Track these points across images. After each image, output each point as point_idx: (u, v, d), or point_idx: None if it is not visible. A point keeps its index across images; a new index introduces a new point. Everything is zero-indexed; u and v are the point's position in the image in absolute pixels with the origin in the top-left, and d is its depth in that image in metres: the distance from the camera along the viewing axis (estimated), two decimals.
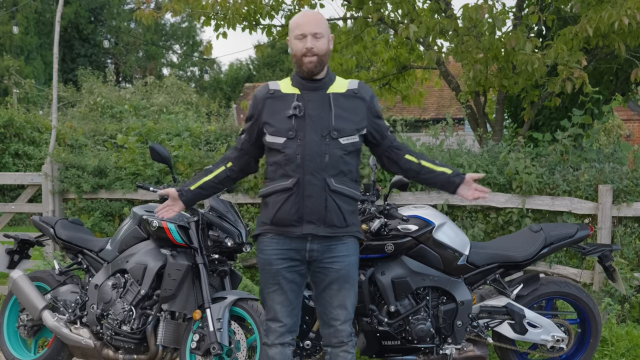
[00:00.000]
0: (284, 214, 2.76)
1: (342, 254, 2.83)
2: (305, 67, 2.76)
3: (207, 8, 5.84)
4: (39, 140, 11.68)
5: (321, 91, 2.81)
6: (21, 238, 4.34)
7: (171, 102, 18.06)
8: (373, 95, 2.92)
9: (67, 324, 3.90)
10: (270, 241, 2.83)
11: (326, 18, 6.82)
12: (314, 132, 2.74)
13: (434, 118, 17.22)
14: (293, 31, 2.80)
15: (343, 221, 2.80)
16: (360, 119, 2.84)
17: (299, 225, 2.76)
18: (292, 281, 2.85)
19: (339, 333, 2.87)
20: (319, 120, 2.76)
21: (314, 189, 2.73)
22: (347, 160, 2.80)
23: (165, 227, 3.56)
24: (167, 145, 5.61)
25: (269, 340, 2.90)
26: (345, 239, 2.83)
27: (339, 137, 2.76)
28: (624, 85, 6.47)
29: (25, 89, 21.98)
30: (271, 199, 2.80)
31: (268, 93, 2.85)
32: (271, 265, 2.83)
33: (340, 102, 2.81)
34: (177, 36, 39.58)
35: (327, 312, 2.87)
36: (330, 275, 2.83)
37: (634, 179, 4.57)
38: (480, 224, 4.71)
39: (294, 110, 2.75)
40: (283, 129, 2.76)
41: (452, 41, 5.49)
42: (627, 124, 15.72)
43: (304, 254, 2.81)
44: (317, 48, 2.75)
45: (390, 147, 2.98)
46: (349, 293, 2.87)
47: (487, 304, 3.69)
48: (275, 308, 2.86)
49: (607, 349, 4.18)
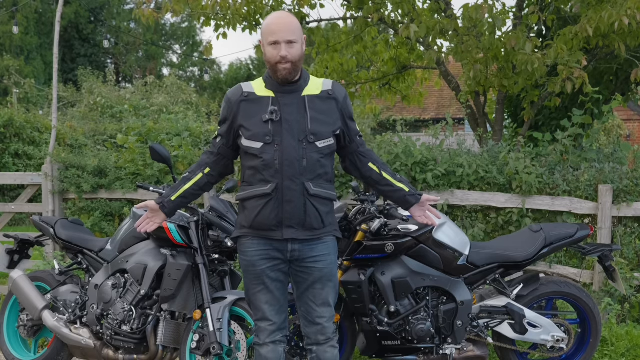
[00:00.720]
0: (263, 218, 2.77)
1: (323, 253, 2.85)
2: (280, 74, 2.75)
3: (207, 9, 5.84)
4: (39, 140, 11.68)
5: (296, 94, 2.80)
6: (21, 238, 4.34)
7: (171, 102, 18.04)
8: (346, 96, 2.90)
9: (67, 324, 3.90)
10: (252, 243, 2.84)
11: (326, 18, 6.84)
12: (291, 137, 2.74)
13: (434, 118, 17.21)
14: (266, 37, 2.76)
15: (321, 223, 2.81)
16: (334, 120, 2.83)
17: (278, 229, 2.77)
18: (276, 280, 2.86)
19: (326, 330, 2.90)
20: (295, 124, 2.75)
21: (293, 194, 2.73)
22: (323, 163, 2.80)
23: (165, 227, 3.55)
24: (167, 145, 5.61)
25: (260, 340, 2.92)
26: (324, 238, 2.86)
27: (315, 141, 2.76)
28: (624, 85, 6.47)
29: (25, 89, 21.96)
30: (250, 204, 2.80)
31: (242, 95, 2.83)
32: (255, 266, 2.84)
33: (315, 104, 2.80)
34: (177, 36, 39.57)
35: (312, 311, 2.89)
36: (314, 274, 2.85)
37: (634, 179, 4.57)
38: (480, 224, 4.71)
39: (270, 115, 2.74)
40: (260, 134, 2.75)
41: (452, 41, 5.49)
42: (627, 124, 15.72)
43: (285, 254, 2.82)
44: (291, 55, 2.72)
45: (356, 152, 2.96)
46: (331, 291, 2.90)
47: (487, 304, 3.69)
48: (263, 308, 2.88)
49: (607, 349, 4.18)
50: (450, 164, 4.77)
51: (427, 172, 4.76)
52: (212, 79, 34.89)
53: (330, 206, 2.88)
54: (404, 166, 4.80)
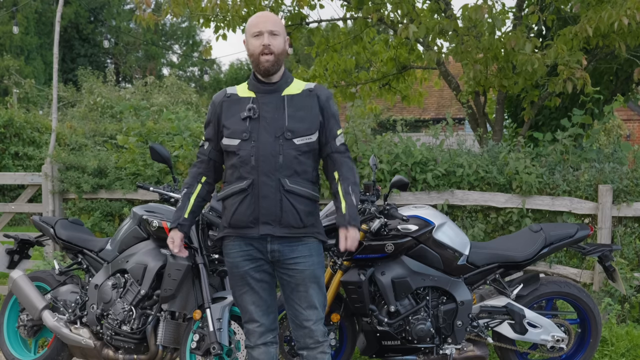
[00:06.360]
0: (240, 215, 2.77)
1: (304, 254, 2.81)
2: (262, 66, 2.77)
3: (206, 10, 5.84)
4: (39, 141, 11.67)
5: (276, 94, 2.83)
6: (21, 238, 4.34)
7: (171, 102, 18.05)
8: (330, 97, 2.89)
9: (67, 324, 3.90)
10: (233, 244, 2.84)
11: (326, 18, 6.82)
12: (268, 134, 2.75)
13: (434, 118, 17.21)
14: (250, 30, 2.81)
15: (299, 221, 2.77)
16: (314, 116, 2.82)
17: (255, 226, 2.76)
18: (261, 280, 2.86)
19: (313, 333, 2.86)
20: (272, 121, 2.77)
21: (269, 190, 2.73)
22: (301, 160, 2.78)
23: (165, 227, 3.56)
24: (167, 145, 5.61)
25: (251, 342, 2.92)
26: (305, 239, 2.82)
27: (292, 138, 2.76)
28: (624, 85, 6.48)
29: (25, 89, 21.97)
30: (228, 202, 2.81)
31: (225, 97, 2.88)
32: (238, 267, 2.84)
33: (294, 102, 2.81)
34: (177, 36, 39.60)
35: (298, 315, 2.86)
36: (295, 276, 2.82)
37: (634, 179, 4.57)
38: (480, 224, 4.71)
39: (248, 112, 2.77)
40: (238, 131, 2.77)
41: (452, 41, 5.49)
42: (627, 124, 15.73)
43: (266, 254, 2.81)
44: (273, 45, 2.76)
45: (329, 155, 2.90)
46: (316, 293, 2.85)
47: (487, 304, 3.69)
48: (250, 309, 2.88)
49: (607, 349, 4.19)
50: (450, 164, 4.77)
51: (427, 172, 4.76)
52: (212, 79, 34.89)
53: (312, 207, 2.83)
54: (404, 166, 4.80)
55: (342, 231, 2.77)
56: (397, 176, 3.67)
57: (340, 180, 2.84)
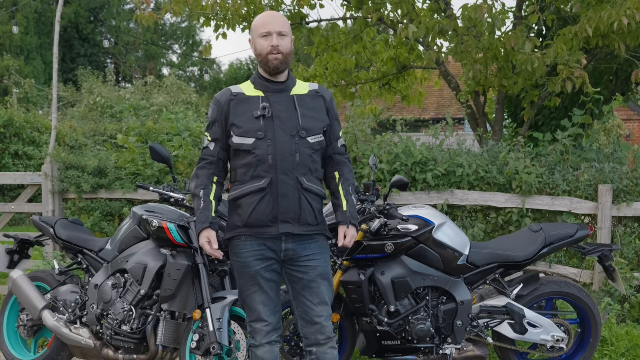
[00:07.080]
0: (259, 214, 2.77)
1: (317, 251, 2.87)
2: (272, 64, 2.79)
3: (206, 9, 5.84)
4: (39, 141, 11.67)
5: (285, 93, 2.85)
6: (21, 238, 4.34)
7: (171, 102, 18.04)
8: (332, 98, 2.97)
9: (67, 324, 3.91)
10: (245, 244, 2.84)
11: (326, 18, 6.84)
12: (284, 132, 2.77)
13: (434, 118, 17.21)
14: (258, 30, 2.82)
15: (315, 219, 2.84)
16: (323, 117, 2.90)
17: (274, 225, 2.78)
18: (270, 280, 2.87)
19: (325, 329, 2.89)
20: (287, 120, 2.79)
21: (288, 189, 2.76)
22: (314, 158, 2.85)
23: (165, 227, 3.56)
24: (167, 145, 5.61)
25: (256, 341, 2.92)
26: (317, 237, 2.88)
27: (307, 137, 2.81)
28: (624, 85, 6.47)
29: (25, 89, 21.97)
30: (244, 201, 2.80)
31: (231, 96, 2.86)
32: (249, 267, 2.85)
33: (304, 102, 2.86)
34: (177, 36, 39.58)
35: (309, 311, 2.89)
36: (310, 273, 2.86)
37: (634, 179, 4.57)
38: (480, 224, 4.71)
39: (262, 110, 2.78)
40: (252, 130, 2.77)
41: (452, 41, 5.49)
42: (627, 124, 15.72)
43: (279, 253, 2.83)
44: (282, 46, 2.79)
45: (331, 156, 2.98)
46: (327, 289, 2.90)
47: (487, 304, 3.69)
48: (259, 308, 2.89)
49: (607, 349, 4.19)
50: (450, 164, 4.77)
51: (427, 172, 4.76)
52: (212, 79, 34.89)
53: (321, 203, 2.91)
54: (404, 166, 4.80)
55: (342, 228, 2.89)
56: (397, 176, 3.67)
57: (342, 181, 2.95)
